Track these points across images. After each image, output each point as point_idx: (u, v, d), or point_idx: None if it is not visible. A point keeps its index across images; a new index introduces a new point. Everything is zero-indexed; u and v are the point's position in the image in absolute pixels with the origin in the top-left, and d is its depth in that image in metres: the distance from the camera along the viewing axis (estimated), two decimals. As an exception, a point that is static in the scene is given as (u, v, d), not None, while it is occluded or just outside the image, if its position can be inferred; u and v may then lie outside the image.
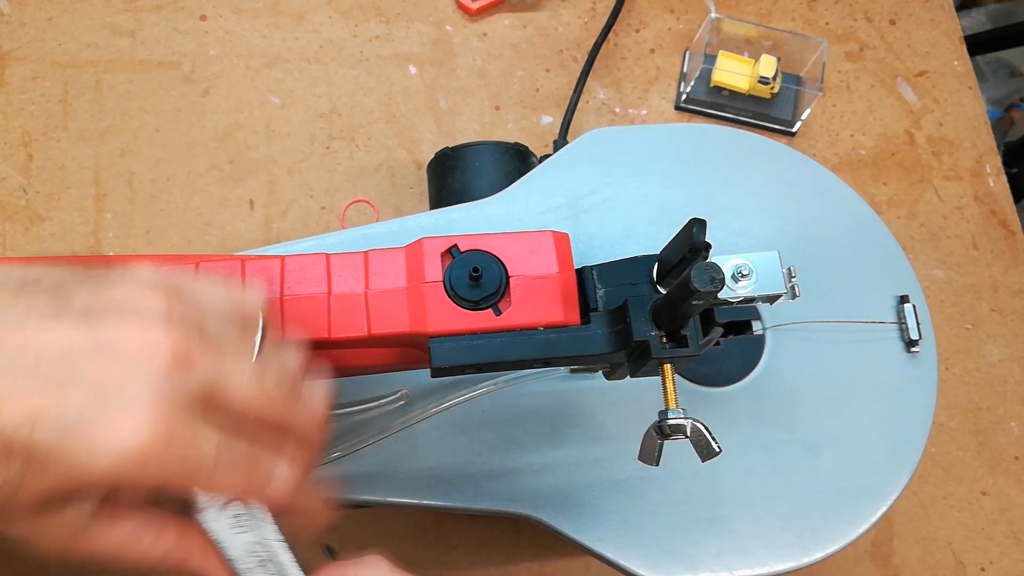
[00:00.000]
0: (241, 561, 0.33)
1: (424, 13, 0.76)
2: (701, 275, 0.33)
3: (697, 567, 0.48)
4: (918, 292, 0.54)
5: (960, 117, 0.78)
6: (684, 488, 0.49)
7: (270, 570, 0.33)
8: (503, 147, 0.60)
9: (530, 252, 0.41)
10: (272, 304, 0.38)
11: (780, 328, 0.53)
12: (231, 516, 0.33)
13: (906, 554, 0.65)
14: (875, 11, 0.81)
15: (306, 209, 0.69)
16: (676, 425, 0.38)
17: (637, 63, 0.77)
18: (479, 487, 0.49)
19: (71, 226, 0.68)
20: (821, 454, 0.50)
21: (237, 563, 0.33)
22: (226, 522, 0.33)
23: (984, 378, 0.70)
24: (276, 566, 0.33)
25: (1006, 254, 0.74)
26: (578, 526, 0.48)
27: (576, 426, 0.50)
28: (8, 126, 0.70)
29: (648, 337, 0.38)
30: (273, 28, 0.75)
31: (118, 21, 0.73)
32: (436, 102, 0.74)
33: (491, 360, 0.39)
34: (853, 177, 0.75)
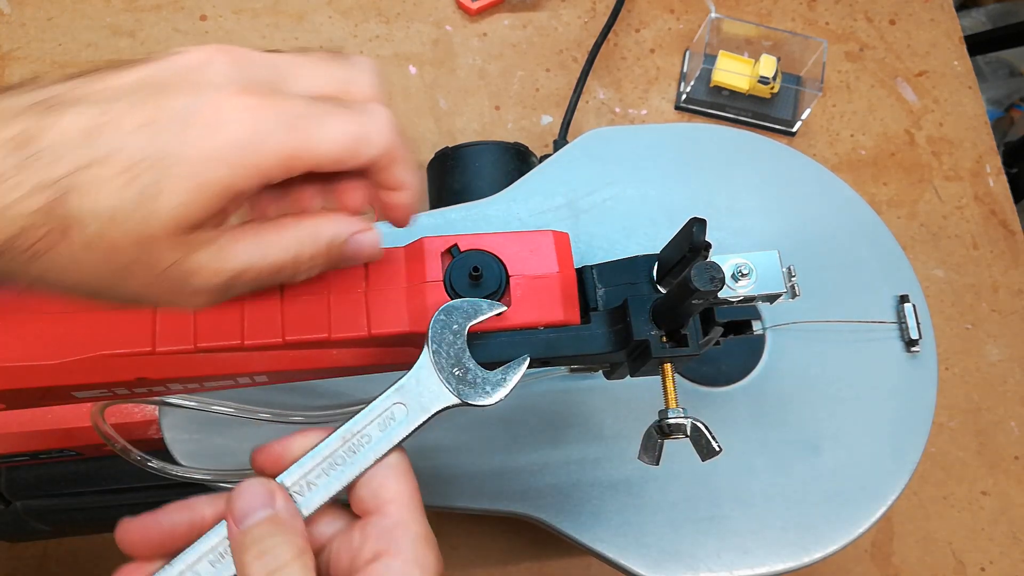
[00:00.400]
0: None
1: (424, 13, 0.76)
2: (701, 274, 0.33)
3: (697, 567, 0.48)
4: (918, 292, 0.54)
5: (960, 117, 0.78)
6: (684, 488, 0.49)
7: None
8: (503, 147, 0.60)
9: (530, 252, 0.41)
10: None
11: (780, 328, 0.53)
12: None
13: (906, 554, 0.65)
14: (875, 11, 0.81)
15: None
16: (676, 424, 0.38)
17: (637, 63, 0.77)
18: (479, 487, 0.49)
19: (71, 226, 0.67)
20: (821, 454, 0.50)
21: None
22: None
23: (984, 378, 0.70)
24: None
25: (1006, 254, 0.74)
26: (578, 525, 0.48)
27: (576, 426, 0.50)
28: (8, 126, 0.70)
29: (648, 336, 0.38)
30: (273, 28, 0.75)
31: (118, 21, 0.73)
32: (436, 102, 0.74)
33: (491, 360, 0.39)
34: (853, 177, 0.75)
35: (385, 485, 0.35)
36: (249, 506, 0.33)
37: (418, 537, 0.34)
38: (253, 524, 0.33)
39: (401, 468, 0.36)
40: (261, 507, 0.33)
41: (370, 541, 0.34)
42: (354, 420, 0.36)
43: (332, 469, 0.35)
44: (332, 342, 0.39)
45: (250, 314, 0.38)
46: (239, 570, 0.33)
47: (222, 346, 0.38)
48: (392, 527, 0.34)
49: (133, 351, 0.37)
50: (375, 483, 0.35)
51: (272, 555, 0.32)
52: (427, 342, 0.36)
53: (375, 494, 0.35)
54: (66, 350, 0.37)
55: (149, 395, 0.41)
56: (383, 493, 0.35)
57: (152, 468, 0.47)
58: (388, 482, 0.35)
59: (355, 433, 0.35)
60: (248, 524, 0.33)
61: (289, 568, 0.32)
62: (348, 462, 0.35)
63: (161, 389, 0.40)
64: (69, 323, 0.37)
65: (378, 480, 0.35)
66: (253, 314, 0.38)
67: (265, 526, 0.33)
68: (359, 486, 0.35)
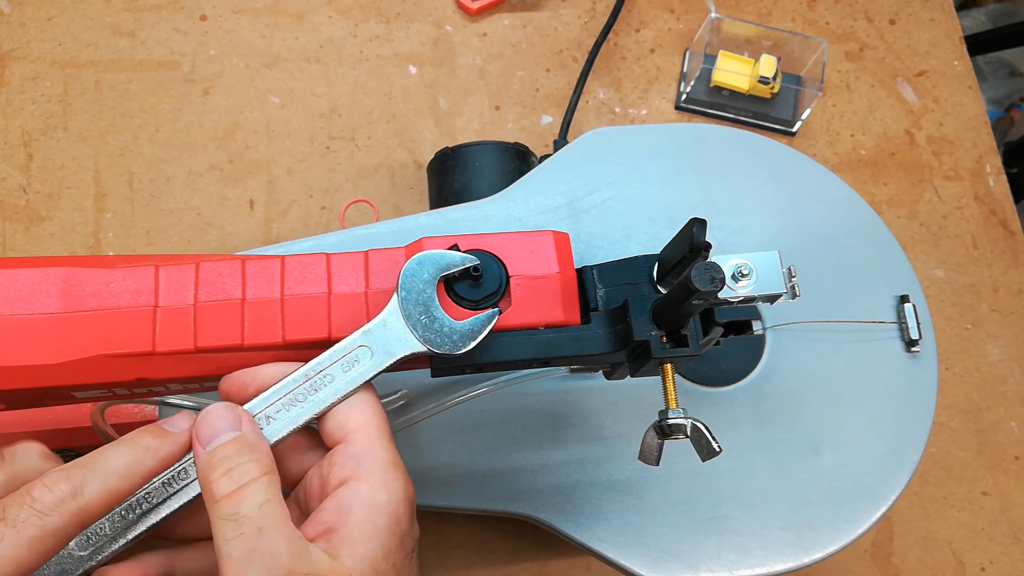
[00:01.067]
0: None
1: (424, 13, 0.76)
2: (701, 275, 0.33)
3: (697, 567, 0.48)
4: (918, 292, 0.54)
5: (960, 117, 0.78)
6: (684, 488, 0.49)
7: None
8: (503, 147, 0.60)
9: (530, 252, 0.41)
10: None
11: (780, 328, 0.53)
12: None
13: (906, 554, 0.65)
14: (875, 11, 0.81)
15: (306, 209, 0.69)
16: (676, 425, 0.38)
17: (637, 63, 0.77)
18: (479, 487, 0.49)
19: (71, 226, 0.67)
20: (821, 454, 0.50)
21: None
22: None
23: (984, 378, 0.70)
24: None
25: (1006, 254, 0.74)
26: (578, 526, 0.48)
27: (576, 426, 0.50)
28: (8, 126, 0.70)
29: (648, 337, 0.38)
30: (273, 28, 0.75)
31: (118, 21, 0.73)
32: (436, 102, 0.74)
33: (491, 360, 0.39)
34: (853, 177, 0.75)
35: (351, 416, 0.36)
36: (215, 429, 0.34)
37: (385, 463, 0.35)
38: (220, 445, 0.34)
39: (367, 400, 0.37)
40: (227, 430, 0.34)
41: (337, 467, 0.35)
42: (318, 359, 0.37)
43: (293, 405, 0.36)
44: (332, 342, 0.39)
45: (250, 314, 0.38)
46: (205, 489, 0.33)
47: (222, 346, 0.38)
48: (359, 454, 0.35)
49: (133, 351, 0.37)
50: (341, 415, 0.36)
51: (239, 471, 0.33)
52: (397, 288, 0.37)
53: (341, 425, 0.36)
54: (66, 350, 0.37)
55: (149, 395, 0.41)
56: (349, 423, 0.36)
57: (152, 468, 0.47)
58: (354, 413, 0.36)
59: (318, 371, 0.36)
60: (215, 445, 0.34)
61: (256, 483, 0.33)
62: (309, 399, 0.36)
63: (161, 389, 0.40)
64: (69, 323, 0.37)
65: (344, 412, 0.36)
66: (253, 314, 0.38)
67: (232, 446, 0.34)
68: (327, 418, 0.36)
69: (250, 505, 0.32)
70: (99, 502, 0.33)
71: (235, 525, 0.32)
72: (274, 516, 0.33)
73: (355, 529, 0.33)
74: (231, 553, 0.32)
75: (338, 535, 0.33)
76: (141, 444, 0.35)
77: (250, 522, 0.32)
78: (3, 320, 0.37)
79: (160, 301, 0.38)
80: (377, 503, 0.34)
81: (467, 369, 0.39)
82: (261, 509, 0.32)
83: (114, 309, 0.38)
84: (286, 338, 0.38)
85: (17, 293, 0.37)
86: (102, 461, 0.34)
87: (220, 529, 0.32)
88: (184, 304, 0.38)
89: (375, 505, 0.34)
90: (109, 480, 0.33)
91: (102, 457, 0.34)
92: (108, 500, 0.33)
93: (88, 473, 0.33)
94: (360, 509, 0.34)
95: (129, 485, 0.34)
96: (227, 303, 0.38)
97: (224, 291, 0.39)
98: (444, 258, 0.38)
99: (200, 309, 0.38)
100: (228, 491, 0.33)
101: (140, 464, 0.34)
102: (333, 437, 0.36)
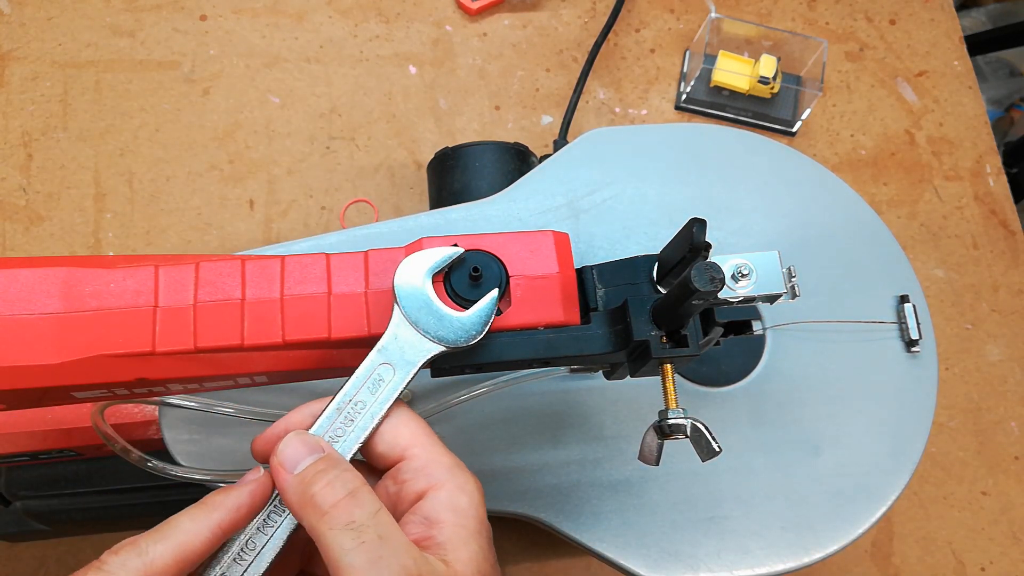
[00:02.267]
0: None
1: (424, 13, 0.76)
2: (701, 275, 0.33)
3: (697, 567, 0.48)
4: (918, 292, 0.54)
5: (960, 117, 0.78)
6: (684, 488, 0.49)
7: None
8: (503, 147, 0.60)
9: (530, 252, 0.41)
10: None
11: (780, 328, 0.53)
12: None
13: (906, 554, 0.65)
14: (875, 11, 0.81)
15: (306, 209, 0.69)
16: (676, 425, 0.38)
17: (637, 63, 0.77)
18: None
19: (71, 226, 0.67)
20: (821, 454, 0.50)
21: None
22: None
23: (984, 378, 0.70)
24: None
25: (1006, 254, 0.74)
26: (578, 526, 0.48)
27: (576, 426, 0.50)
28: (8, 126, 0.70)
29: (648, 337, 0.38)
30: (273, 28, 0.75)
31: (118, 21, 0.73)
32: (436, 102, 0.74)
33: (491, 360, 0.39)
34: (853, 177, 0.75)
35: (399, 434, 0.36)
36: (297, 454, 0.34)
37: (451, 467, 0.35)
38: (308, 465, 0.33)
39: (405, 415, 0.37)
40: (309, 454, 0.34)
41: (408, 484, 0.35)
42: (344, 391, 0.36)
43: (335, 442, 0.36)
44: (332, 342, 0.39)
45: (250, 314, 0.38)
46: (306, 506, 0.32)
47: (222, 346, 0.38)
48: (424, 466, 0.35)
49: (133, 351, 0.37)
50: (388, 436, 0.36)
51: (340, 481, 0.33)
52: (395, 299, 0.37)
53: (392, 446, 0.36)
54: (66, 350, 0.37)
55: (149, 395, 0.41)
56: (400, 441, 0.36)
57: (152, 468, 0.47)
58: (400, 430, 0.36)
59: (348, 401, 0.36)
60: (303, 467, 0.33)
61: (363, 491, 0.33)
62: (349, 432, 0.36)
63: (161, 389, 0.40)
64: (69, 323, 0.37)
65: (390, 432, 0.36)
66: (253, 314, 0.38)
67: (322, 463, 0.33)
68: (374, 444, 0.36)
69: (363, 513, 0.32)
70: (165, 559, 0.32)
71: (355, 535, 0.31)
72: (390, 523, 0.32)
73: (452, 535, 0.33)
74: (354, 563, 0.30)
75: (437, 542, 0.33)
76: (209, 502, 0.34)
77: (368, 530, 0.31)
78: (3, 320, 0.37)
79: (160, 301, 0.38)
80: (461, 507, 0.34)
81: (467, 369, 0.39)
82: (376, 517, 0.32)
83: (114, 309, 0.38)
84: (286, 338, 0.38)
85: (17, 293, 0.37)
86: (169, 523, 0.33)
87: (337, 540, 0.31)
88: (184, 304, 0.38)
89: (459, 509, 0.34)
90: (177, 542, 0.33)
91: (169, 520, 0.34)
92: (177, 558, 0.32)
93: (154, 534, 0.33)
94: (449, 516, 0.34)
95: (199, 542, 0.33)
96: (227, 303, 0.38)
97: (224, 291, 0.39)
98: (431, 256, 0.38)
99: (200, 309, 0.38)
100: (337, 499, 0.32)
101: (207, 519, 0.33)
102: (388, 459, 0.36)
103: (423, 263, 0.38)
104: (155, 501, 0.58)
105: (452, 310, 0.37)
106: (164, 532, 0.33)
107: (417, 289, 0.37)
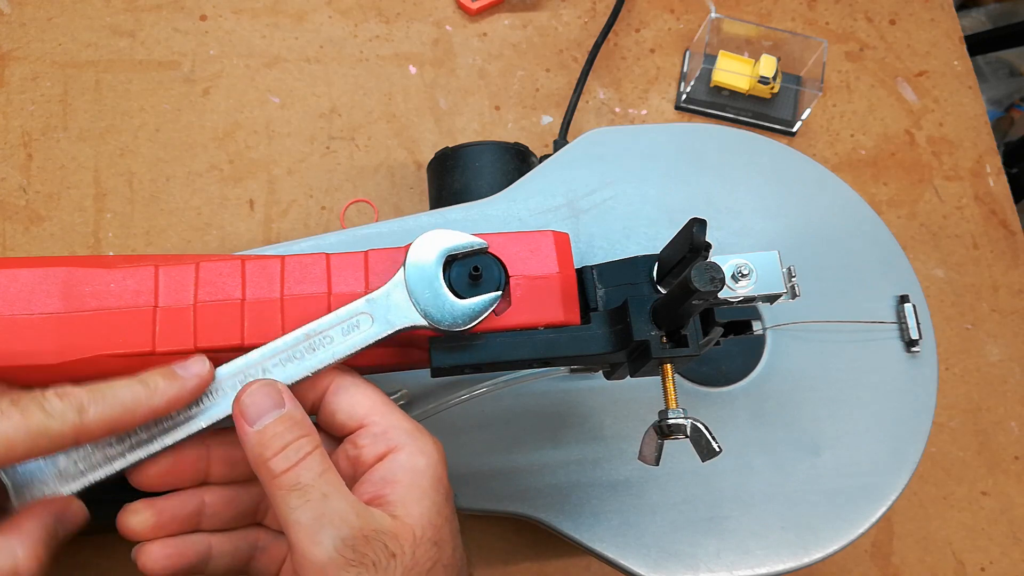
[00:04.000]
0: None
1: (424, 13, 0.76)
2: (701, 275, 0.33)
3: (697, 567, 0.48)
4: (918, 292, 0.54)
5: (960, 117, 0.78)
6: (684, 488, 0.49)
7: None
8: (503, 147, 0.60)
9: (530, 252, 0.41)
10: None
11: (780, 328, 0.53)
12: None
13: (906, 554, 0.65)
14: (875, 11, 0.81)
15: (306, 209, 0.69)
16: (676, 425, 0.38)
17: (637, 63, 0.77)
18: (479, 487, 0.49)
19: (71, 226, 0.67)
20: (821, 454, 0.50)
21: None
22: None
23: (984, 378, 0.70)
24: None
25: (1006, 254, 0.74)
26: (578, 526, 0.48)
27: (576, 426, 0.50)
28: (8, 126, 0.70)
29: (648, 337, 0.38)
30: (273, 28, 0.75)
31: (118, 21, 0.73)
32: (436, 102, 0.74)
33: (491, 360, 0.39)
34: (853, 177, 0.75)
35: (356, 402, 0.37)
36: (259, 407, 0.35)
37: (411, 430, 0.37)
38: (268, 423, 0.35)
39: (361, 386, 0.38)
40: (271, 408, 0.35)
41: (367, 448, 0.37)
42: (320, 322, 0.37)
43: (291, 361, 0.37)
44: (332, 342, 0.39)
45: (250, 314, 0.38)
46: (261, 466, 0.35)
47: (222, 346, 0.38)
48: (383, 431, 0.37)
49: (133, 351, 0.37)
50: (345, 406, 0.37)
51: (294, 447, 0.35)
52: (404, 262, 0.38)
53: (351, 415, 0.37)
54: (66, 350, 0.37)
55: (149, 395, 0.41)
56: (358, 410, 0.37)
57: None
58: (356, 398, 0.37)
59: (319, 332, 0.37)
60: (263, 424, 0.35)
61: (312, 456, 0.35)
62: (307, 358, 0.37)
63: (161, 389, 0.40)
64: (69, 323, 0.37)
65: (347, 401, 0.37)
66: (253, 314, 0.38)
67: (281, 423, 0.35)
68: (333, 414, 0.37)
69: (310, 475, 0.34)
70: (98, 424, 0.34)
71: (300, 493, 0.34)
72: (335, 483, 0.34)
73: (405, 493, 0.35)
74: (300, 520, 0.33)
75: (389, 500, 0.35)
76: (151, 383, 0.35)
77: (314, 489, 0.34)
78: (3, 320, 0.37)
79: (160, 301, 0.38)
80: (418, 467, 0.36)
81: (467, 369, 0.39)
82: (322, 477, 0.34)
83: (114, 309, 0.38)
84: (286, 338, 0.38)
85: (17, 293, 0.37)
86: (112, 389, 0.35)
87: (285, 499, 0.34)
88: (184, 304, 0.38)
89: (417, 470, 0.36)
90: (113, 408, 0.34)
91: (112, 386, 0.35)
92: (108, 426, 0.34)
93: (97, 396, 0.34)
94: (405, 476, 0.36)
95: (131, 419, 0.35)
96: (227, 303, 0.38)
97: (224, 291, 0.39)
98: (454, 237, 0.39)
99: (200, 309, 0.38)
100: (287, 466, 0.34)
101: (147, 401, 0.35)
102: (347, 428, 0.38)
103: (444, 240, 0.39)
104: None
105: (451, 294, 0.38)
106: (105, 397, 0.34)
107: (428, 261, 0.38)
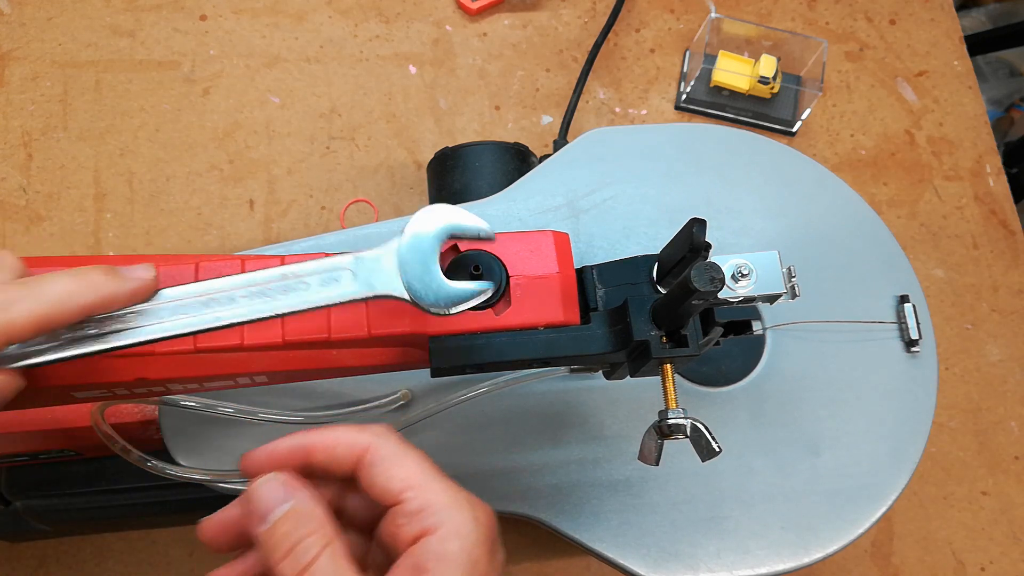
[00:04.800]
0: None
1: (424, 13, 0.76)
2: (701, 275, 0.33)
3: (697, 567, 0.48)
4: (918, 292, 0.54)
5: (960, 117, 0.78)
6: (684, 488, 0.49)
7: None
8: (503, 147, 0.60)
9: (530, 252, 0.41)
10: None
11: (780, 328, 0.53)
12: None
13: (906, 554, 0.65)
14: (875, 11, 0.81)
15: (306, 209, 0.69)
16: (676, 425, 0.38)
17: (637, 63, 0.77)
18: (480, 487, 0.49)
19: (71, 226, 0.68)
20: (821, 454, 0.50)
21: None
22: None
23: (984, 378, 0.70)
24: None
25: (1006, 254, 0.74)
26: (578, 526, 0.48)
27: (576, 426, 0.50)
28: (8, 126, 0.70)
29: (648, 337, 0.38)
30: (273, 28, 0.75)
31: (118, 21, 0.74)
32: (436, 102, 0.74)
33: (491, 360, 0.39)
34: (853, 177, 0.75)
35: (392, 475, 0.35)
36: (267, 502, 0.34)
37: (448, 505, 0.35)
38: (276, 521, 0.34)
39: (400, 453, 0.36)
40: (279, 501, 0.34)
41: (403, 528, 0.35)
42: (301, 266, 0.36)
43: (261, 296, 0.35)
44: (332, 342, 0.39)
45: (250, 314, 0.38)
46: (273, 569, 0.33)
47: (222, 346, 0.38)
48: (418, 509, 0.35)
49: (133, 351, 0.37)
50: (380, 479, 0.35)
51: (301, 549, 0.33)
52: (403, 232, 0.36)
53: (386, 488, 0.35)
54: (66, 350, 0.37)
55: (149, 395, 0.41)
56: (394, 484, 0.35)
57: (151, 468, 0.47)
58: (392, 471, 0.35)
59: (296, 275, 0.36)
60: (271, 521, 0.34)
61: (320, 560, 0.33)
62: (277, 298, 0.35)
63: (161, 389, 0.40)
64: (69, 323, 0.37)
65: (382, 475, 0.35)
66: (253, 314, 0.38)
67: (288, 521, 0.34)
68: (370, 486, 0.36)
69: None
70: (26, 321, 0.32)
71: None
72: None
73: None
74: None
75: None
76: (87, 278, 0.34)
77: None
78: (3, 320, 0.36)
79: (160, 301, 0.38)
80: (449, 553, 0.34)
81: (467, 369, 0.39)
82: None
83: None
84: (286, 338, 0.38)
85: (17, 293, 0.37)
86: (41, 284, 0.33)
87: None
88: (184, 304, 0.38)
89: (447, 557, 0.34)
90: (41, 304, 0.32)
91: (42, 280, 0.33)
92: (37, 323, 0.32)
93: (25, 292, 0.32)
94: (436, 564, 0.33)
95: (61, 315, 0.33)
96: (227, 303, 0.38)
97: (224, 291, 0.39)
98: (460, 215, 0.37)
99: (200, 309, 0.38)
100: (295, 572, 0.33)
101: (80, 296, 0.33)
102: (385, 500, 0.36)
103: (449, 216, 0.37)
104: (155, 501, 0.58)
105: (440, 273, 0.36)
106: (33, 292, 0.33)
107: (427, 233, 0.36)
